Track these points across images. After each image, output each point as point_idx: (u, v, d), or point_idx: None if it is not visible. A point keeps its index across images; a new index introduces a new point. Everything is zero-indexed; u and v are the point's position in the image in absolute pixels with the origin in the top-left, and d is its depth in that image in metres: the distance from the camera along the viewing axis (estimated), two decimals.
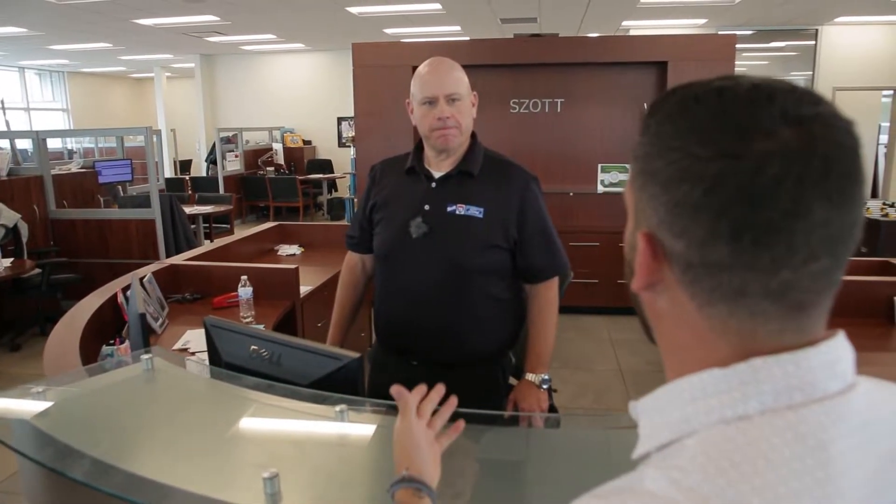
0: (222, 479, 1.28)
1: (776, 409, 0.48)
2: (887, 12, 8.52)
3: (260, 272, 3.28)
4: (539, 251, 1.89)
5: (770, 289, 0.49)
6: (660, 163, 0.52)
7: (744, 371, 0.50)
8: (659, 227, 0.53)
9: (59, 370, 1.97)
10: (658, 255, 0.54)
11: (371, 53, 5.75)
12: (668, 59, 5.34)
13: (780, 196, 0.46)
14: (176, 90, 14.86)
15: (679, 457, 0.49)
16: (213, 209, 8.02)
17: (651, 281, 0.55)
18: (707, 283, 0.51)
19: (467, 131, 1.85)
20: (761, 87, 0.51)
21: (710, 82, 0.53)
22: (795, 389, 0.49)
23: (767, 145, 0.47)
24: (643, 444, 0.55)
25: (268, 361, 1.59)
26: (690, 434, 0.50)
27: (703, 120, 0.50)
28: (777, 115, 0.48)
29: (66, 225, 5.67)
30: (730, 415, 0.49)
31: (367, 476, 1.38)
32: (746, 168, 0.47)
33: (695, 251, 0.50)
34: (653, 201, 0.53)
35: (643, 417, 0.57)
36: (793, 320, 0.51)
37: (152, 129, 5.92)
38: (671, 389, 0.54)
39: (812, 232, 0.47)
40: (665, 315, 0.56)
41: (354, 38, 6.58)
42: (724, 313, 0.51)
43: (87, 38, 10.02)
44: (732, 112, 0.49)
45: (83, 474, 1.20)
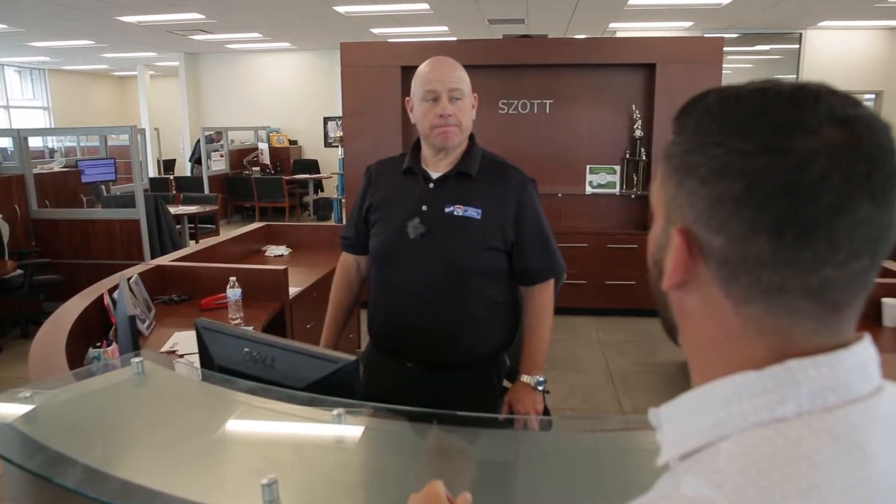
0: (219, 485, 1.26)
1: (812, 410, 0.48)
2: (871, 17, 8.63)
3: (248, 273, 3.25)
4: (536, 253, 1.88)
5: (810, 287, 0.49)
6: (700, 158, 0.52)
7: (780, 373, 0.50)
8: (696, 223, 0.52)
9: (46, 373, 1.93)
10: (694, 251, 0.53)
11: (359, 53, 5.72)
12: (657, 61, 5.36)
13: (825, 192, 0.46)
14: (159, 89, 14.72)
15: (716, 461, 0.49)
16: (199, 209, 7.93)
17: (685, 278, 0.54)
18: (745, 279, 0.51)
19: (467, 131, 1.84)
20: (805, 87, 0.51)
21: (748, 84, 0.53)
22: (830, 391, 0.49)
23: (812, 142, 0.47)
24: (668, 450, 0.55)
25: (262, 364, 1.56)
26: (724, 438, 0.50)
27: (746, 116, 0.50)
28: (823, 114, 0.48)
29: (48, 225, 5.58)
30: (766, 417, 0.49)
31: (367, 481, 1.36)
32: (791, 163, 0.47)
33: (734, 246, 0.50)
34: (691, 196, 0.52)
35: (667, 424, 0.56)
36: (828, 320, 0.50)
37: (137, 127, 5.84)
38: (699, 394, 0.54)
39: (855, 230, 0.47)
40: (695, 314, 0.56)
41: (341, 37, 6.54)
42: (761, 311, 0.51)
43: (68, 35, 9.89)
44: (777, 109, 0.49)
45: (75, 482, 1.17)
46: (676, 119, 0.57)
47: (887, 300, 2.91)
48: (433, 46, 6.13)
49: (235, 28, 9.76)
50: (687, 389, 0.55)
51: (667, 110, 5.33)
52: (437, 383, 1.86)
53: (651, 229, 0.61)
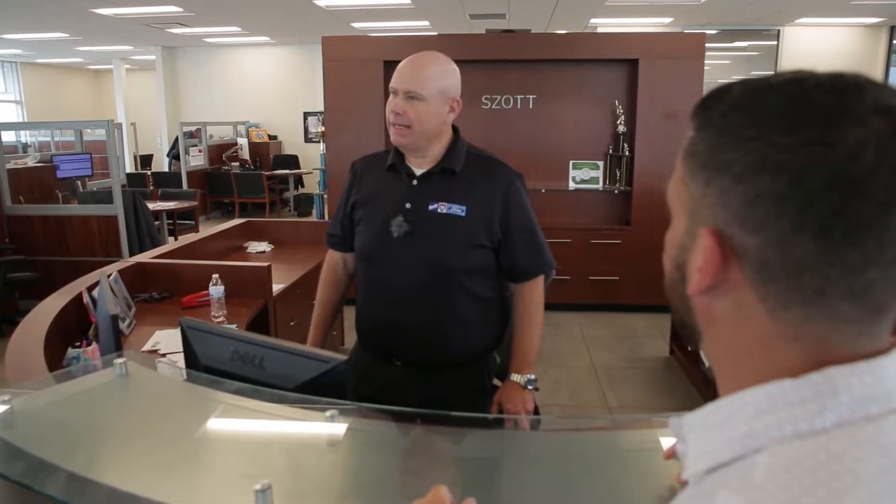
0: (210, 491, 1.22)
1: (854, 421, 0.45)
2: (847, 14, 8.73)
3: (231, 270, 3.19)
4: (524, 250, 1.85)
5: (853, 289, 0.46)
6: (733, 154, 0.48)
7: (819, 382, 0.46)
8: (730, 223, 0.49)
9: (24, 374, 1.87)
10: (727, 253, 0.49)
11: (341, 48, 5.66)
12: (639, 57, 5.37)
13: (876, 187, 0.43)
14: (136, 83, 14.49)
15: (752, 476, 0.45)
16: (177, 205, 7.82)
17: (715, 282, 0.51)
18: (783, 282, 0.47)
19: (424, 135, 1.75)
20: (845, 77, 0.48)
21: (778, 74, 0.50)
22: (871, 400, 0.46)
23: (861, 133, 0.44)
24: (696, 462, 0.51)
25: (250, 365, 1.52)
26: (759, 451, 0.47)
27: (785, 107, 0.47)
28: (869, 103, 0.45)
29: (22, 221, 5.46)
30: (805, 429, 0.46)
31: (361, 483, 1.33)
32: (840, 156, 0.44)
33: (773, 247, 0.47)
34: (723, 195, 0.48)
35: (693, 434, 0.53)
36: (869, 324, 0.48)
37: (113, 122, 5.73)
38: (729, 404, 0.50)
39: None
40: (725, 320, 0.52)
41: (321, 32, 6.47)
42: (799, 317, 0.48)
43: (42, 27, 9.68)
44: (819, 99, 0.46)
45: (58, 490, 1.12)
46: (698, 114, 0.53)
47: None
48: (416, 41, 6.09)
49: (214, 21, 9.62)
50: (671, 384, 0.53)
51: (649, 106, 5.35)
52: (426, 383, 1.84)
53: (669, 230, 0.57)
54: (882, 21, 9.16)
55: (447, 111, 1.78)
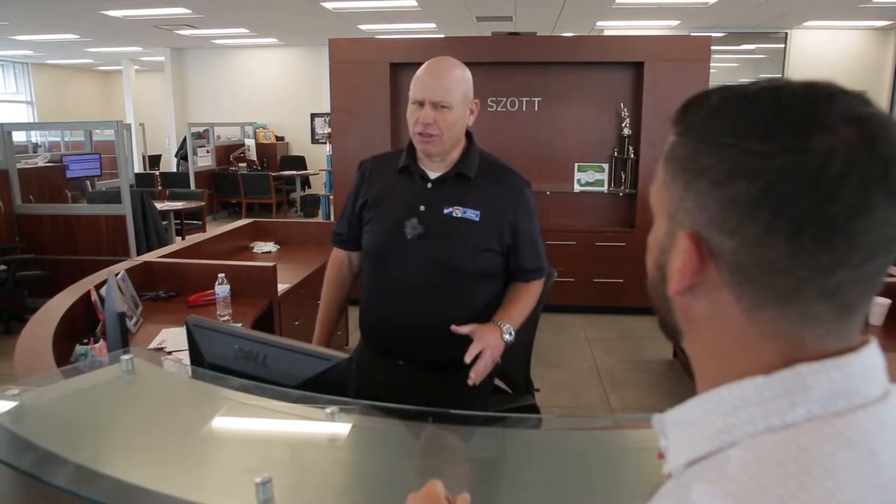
0: (213, 484, 1.25)
1: (823, 416, 0.47)
2: (855, 17, 8.71)
3: (236, 270, 3.23)
4: (529, 256, 1.89)
5: (825, 289, 0.48)
6: (710, 160, 0.50)
7: (790, 378, 0.49)
8: (707, 226, 0.51)
9: (32, 370, 1.91)
10: (704, 255, 0.52)
11: (348, 50, 5.70)
12: (645, 60, 5.38)
13: (845, 193, 0.45)
14: (145, 84, 14.58)
15: (727, 469, 0.47)
16: (185, 205, 7.88)
17: (694, 283, 0.53)
18: (758, 283, 0.49)
19: (451, 140, 1.79)
20: (817, 85, 0.50)
21: (754, 83, 0.52)
22: (839, 396, 0.48)
23: (830, 141, 0.46)
24: (676, 456, 0.54)
25: (253, 362, 1.55)
26: (733, 444, 0.49)
27: (760, 115, 0.49)
28: (838, 112, 0.47)
29: (32, 220, 5.52)
30: (777, 423, 0.48)
31: (362, 480, 1.35)
32: (811, 163, 0.46)
33: (748, 250, 0.49)
34: (701, 199, 0.51)
35: (673, 430, 0.55)
36: (840, 322, 0.50)
37: (122, 123, 5.78)
38: (707, 400, 0.52)
39: (873, 231, 0.46)
40: (703, 319, 0.54)
41: (328, 33, 6.52)
42: (774, 316, 0.50)
43: (52, 28, 9.76)
44: (793, 108, 0.48)
45: (65, 481, 1.15)
46: (678, 120, 0.55)
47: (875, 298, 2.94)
48: (423, 43, 6.12)
49: (222, 23, 9.68)
50: (673, 387, 0.55)
51: (655, 109, 5.35)
52: (427, 382, 1.86)
53: (651, 232, 0.59)
54: (890, 24, 9.13)
55: (468, 114, 1.82)
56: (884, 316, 2.93)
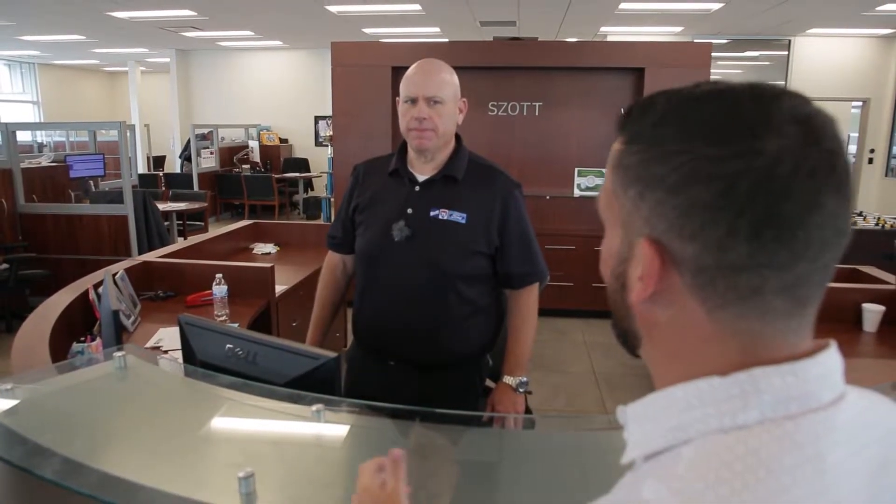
0: (197, 478, 1.27)
1: (774, 418, 0.48)
2: (859, 25, 8.72)
3: (235, 270, 3.25)
4: (519, 258, 1.89)
5: (786, 284, 0.50)
6: (664, 167, 0.51)
7: (744, 380, 0.50)
8: (666, 233, 0.52)
9: (28, 367, 1.93)
10: (665, 261, 0.52)
11: (350, 53, 5.73)
12: (646, 66, 5.40)
13: (798, 190, 0.47)
14: (150, 85, 14.66)
15: (676, 466, 0.49)
16: (188, 206, 7.91)
17: (657, 289, 0.53)
18: (721, 284, 0.50)
19: (445, 136, 1.83)
20: (762, 87, 0.51)
21: (697, 86, 0.53)
22: (793, 400, 0.49)
23: (780, 142, 0.48)
24: (632, 450, 0.55)
25: (244, 360, 1.57)
26: (685, 442, 0.50)
27: (710, 120, 0.50)
28: (785, 112, 0.49)
29: (35, 219, 5.56)
30: (728, 424, 0.49)
31: (344, 476, 1.37)
32: (764, 164, 0.47)
33: (710, 253, 0.50)
34: (659, 207, 0.51)
35: (632, 423, 0.56)
36: (796, 317, 0.51)
37: (126, 123, 5.82)
38: (665, 396, 0.53)
39: (825, 224, 0.48)
40: (665, 324, 0.55)
41: (333, 36, 6.55)
42: (735, 314, 0.51)
43: (59, 29, 9.83)
44: (742, 111, 0.50)
45: (54, 473, 1.17)
46: (624, 127, 0.56)
47: (867, 305, 2.94)
48: (424, 47, 6.15)
49: (227, 25, 9.73)
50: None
51: None
52: (419, 382, 1.88)
53: (604, 241, 0.60)
54: (894, 32, 9.12)
55: (458, 112, 1.85)
56: (878, 323, 2.93)
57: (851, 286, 3.17)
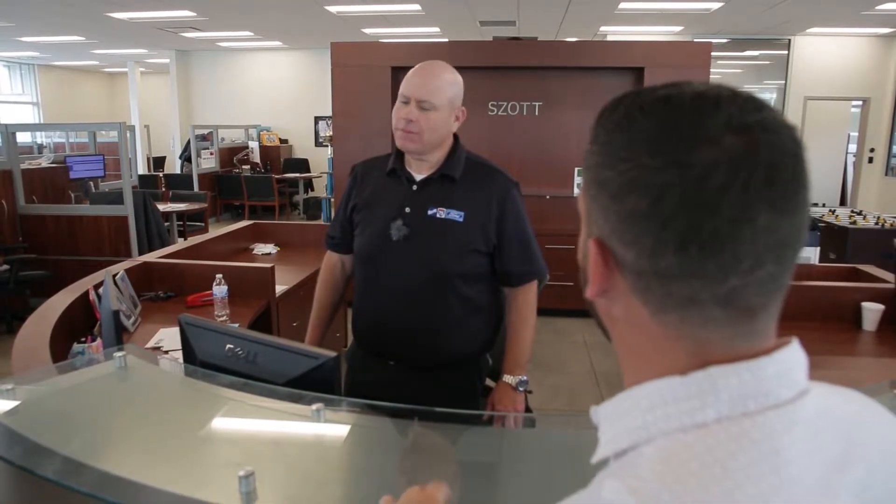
0: (197, 477, 1.27)
1: (732, 416, 0.49)
2: (858, 25, 8.72)
3: (235, 271, 3.25)
4: (517, 256, 1.89)
5: (718, 295, 0.49)
6: (610, 173, 0.52)
7: (701, 380, 0.50)
8: (610, 236, 0.53)
9: (29, 367, 1.93)
10: (610, 262, 0.54)
11: (350, 53, 5.73)
12: (645, 65, 5.40)
13: (726, 204, 0.47)
14: (150, 86, 14.66)
15: (637, 465, 0.49)
16: (188, 207, 7.91)
17: (604, 287, 0.55)
18: (658, 290, 0.51)
19: (431, 143, 1.81)
20: (706, 94, 0.51)
21: (656, 90, 0.53)
22: (750, 398, 0.49)
23: (713, 153, 0.47)
24: (603, 449, 0.55)
25: (244, 360, 1.58)
26: (648, 441, 0.51)
27: (650, 130, 0.50)
28: (722, 122, 0.49)
29: (35, 221, 5.56)
30: (688, 423, 0.50)
31: (343, 475, 1.38)
32: (692, 177, 0.47)
33: (645, 260, 0.51)
34: (604, 211, 0.53)
35: (604, 423, 0.57)
36: (743, 325, 0.51)
37: (126, 124, 5.82)
38: (630, 396, 0.54)
39: (757, 239, 0.48)
40: (621, 321, 0.56)
41: (333, 37, 6.55)
42: (677, 320, 0.52)
43: (58, 30, 9.84)
44: (679, 121, 0.50)
45: (54, 473, 1.18)
46: (593, 127, 0.57)
47: (867, 304, 2.94)
48: (424, 47, 6.16)
49: (227, 26, 9.74)
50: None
51: None
52: (418, 382, 1.88)
53: (580, 235, 0.61)
54: (894, 31, 9.13)
55: (453, 120, 1.83)
56: (877, 322, 2.93)
57: (851, 285, 3.17)
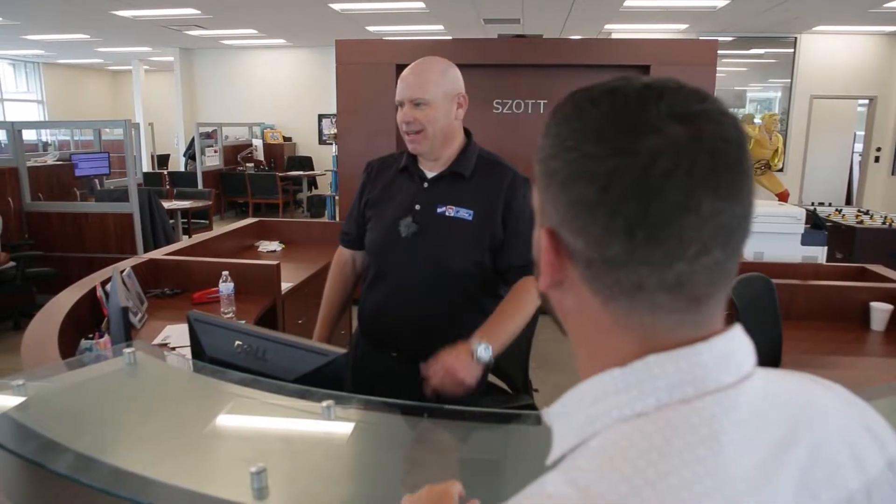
0: (209, 473, 1.27)
1: (670, 403, 0.49)
2: (865, 23, 8.69)
3: (241, 268, 3.26)
4: (520, 251, 1.87)
5: (666, 282, 0.50)
6: (558, 163, 0.53)
7: (640, 369, 0.51)
8: (561, 226, 0.54)
9: (38, 364, 1.94)
10: (561, 252, 0.54)
11: (354, 51, 5.73)
12: (651, 64, 5.38)
13: (670, 190, 0.48)
14: (154, 83, 14.68)
15: (581, 458, 0.50)
16: (192, 204, 7.93)
17: (557, 278, 0.56)
18: (607, 278, 0.52)
19: (439, 136, 1.79)
20: (651, 86, 0.52)
21: (605, 84, 0.54)
22: (687, 384, 0.50)
23: (657, 141, 0.48)
24: (556, 449, 0.55)
25: (253, 357, 1.58)
26: (594, 435, 0.51)
27: (597, 120, 0.51)
28: (665, 111, 0.49)
29: (41, 218, 5.57)
30: (628, 413, 0.50)
31: (354, 472, 1.38)
32: (638, 164, 0.48)
33: (593, 248, 0.51)
34: (554, 200, 0.53)
35: (555, 423, 0.56)
36: (690, 313, 0.52)
37: (131, 122, 5.82)
38: (577, 392, 0.55)
39: (702, 225, 0.48)
40: (572, 312, 0.57)
41: (336, 35, 6.55)
42: (626, 308, 0.52)
43: (63, 28, 9.86)
44: (624, 111, 0.51)
45: (66, 468, 1.18)
46: (546, 122, 0.58)
47: (875, 304, 2.93)
48: (428, 45, 6.15)
49: (231, 24, 9.75)
50: None
51: None
52: (419, 375, 1.87)
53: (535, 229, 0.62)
54: None
55: (455, 108, 1.82)
56: (886, 321, 2.92)
57: (859, 285, 3.15)
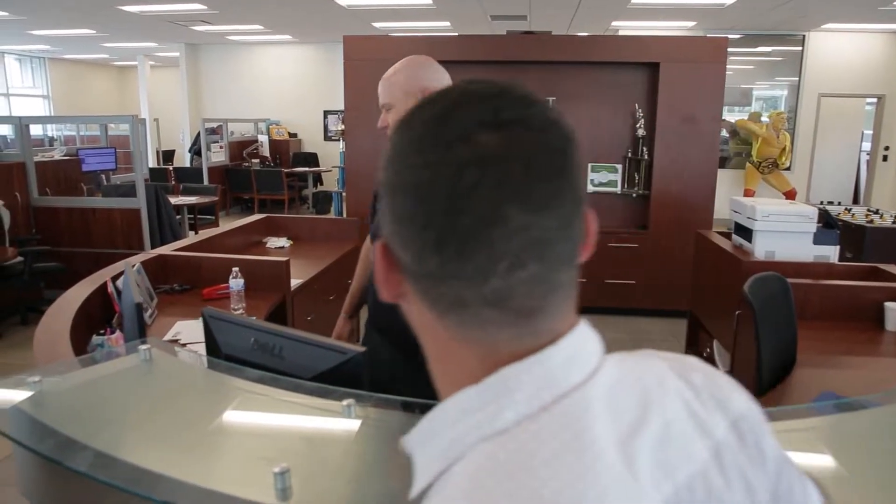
0: (231, 473, 1.26)
1: (531, 413, 0.47)
2: (874, 20, 8.64)
3: (250, 264, 3.25)
4: None
5: (485, 297, 0.47)
6: (387, 174, 0.51)
7: (495, 383, 0.48)
8: (390, 239, 0.51)
9: (50, 360, 1.93)
10: (392, 266, 0.52)
11: (362, 47, 5.71)
12: (660, 61, 5.36)
13: (477, 203, 0.45)
14: (160, 79, 14.67)
15: (449, 486, 0.47)
16: (198, 200, 7.93)
17: (395, 292, 0.53)
18: (433, 293, 0.49)
19: None
20: (470, 91, 0.50)
21: (440, 90, 0.52)
22: (543, 390, 0.48)
23: (465, 151, 0.46)
24: (419, 480, 0.51)
25: (269, 354, 1.56)
26: (458, 459, 0.48)
27: (418, 129, 0.49)
28: (476, 120, 0.47)
29: (48, 213, 5.57)
30: (489, 431, 0.48)
31: (377, 471, 1.36)
32: (447, 175, 0.46)
33: (415, 262, 0.49)
34: (385, 213, 0.51)
35: (415, 451, 0.52)
36: (523, 326, 0.49)
37: (138, 117, 5.82)
38: (435, 416, 0.52)
39: (511, 239, 0.46)
40: (419, 327, 0.54)
41: (342, 31, 6.53)
42: (455, 323, 0.50)
43: (69, 23, 9.85)
44: (440, 119, 0.48)
45: (86, 466, 1.17)
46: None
47: (889, 304, 2.91)
48: (436, 41, 6.12)
49: (237, 19, 9.73)
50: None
51: (669, 110, 5.34)
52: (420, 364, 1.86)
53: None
54: None
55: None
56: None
57: (872, 284, 3.13)
